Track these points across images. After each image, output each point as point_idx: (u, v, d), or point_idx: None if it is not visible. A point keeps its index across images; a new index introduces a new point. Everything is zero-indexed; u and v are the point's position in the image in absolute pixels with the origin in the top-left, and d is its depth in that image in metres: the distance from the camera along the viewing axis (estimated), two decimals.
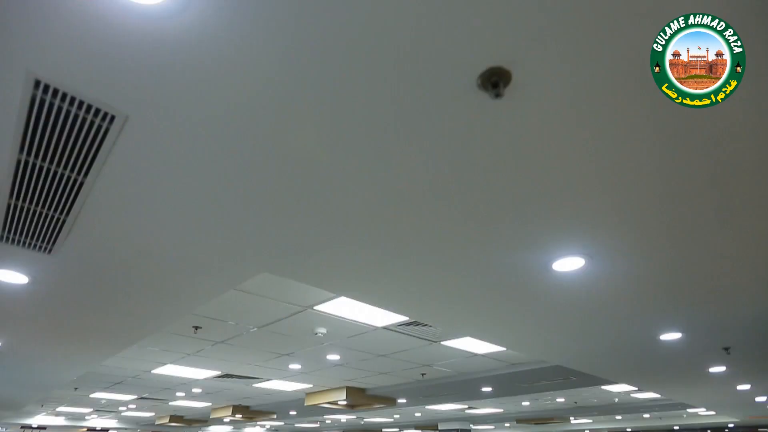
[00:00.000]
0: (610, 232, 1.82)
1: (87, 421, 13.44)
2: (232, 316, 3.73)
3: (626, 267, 2.13)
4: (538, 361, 5.20)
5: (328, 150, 1.37)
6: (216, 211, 1.70)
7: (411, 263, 2.10)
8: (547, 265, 2.10)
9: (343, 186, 1.54)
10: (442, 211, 1.67)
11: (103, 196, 1.63)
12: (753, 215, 1.72)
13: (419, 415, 10.72)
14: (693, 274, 2.24)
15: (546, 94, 1.17)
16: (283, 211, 1.69)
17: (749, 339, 3.48)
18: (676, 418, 11.93)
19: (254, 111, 1.23)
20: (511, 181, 1.50)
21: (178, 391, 7.84)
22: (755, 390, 6.09)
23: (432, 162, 1.41)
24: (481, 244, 1.91)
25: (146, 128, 1.30)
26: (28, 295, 2.58)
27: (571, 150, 1.37)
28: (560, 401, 8.74)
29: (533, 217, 1.71)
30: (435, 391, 6.90)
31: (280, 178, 1.50)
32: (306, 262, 2.08)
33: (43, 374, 4.96)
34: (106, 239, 1.94)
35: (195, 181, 1.53)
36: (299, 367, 5.61)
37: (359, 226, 1.77)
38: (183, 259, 2.10)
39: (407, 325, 3.91)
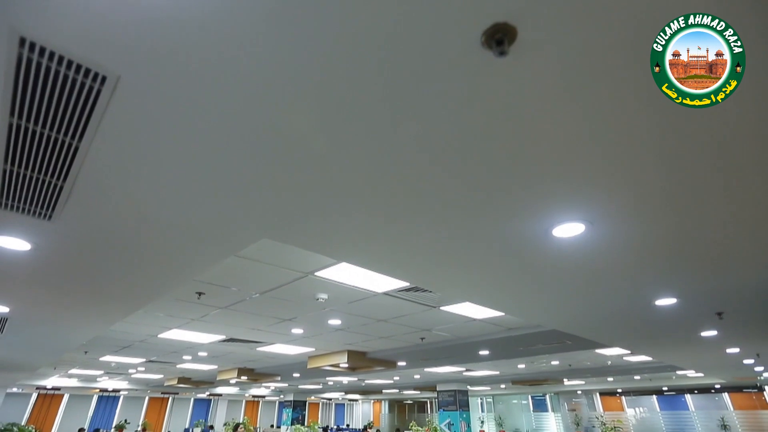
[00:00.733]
0: (611, 197, 1.81)
1: (99, 382, 13.98)
2: (234, 282, 3.78)
3: (626, 233, 2.13)
4: (534, 326, 5.34)
5: (327, 114, 1.34)
6: (215, 177, 1.68)
7: (411, 229, 2.10)
8: (547, 231, 2.10)
9: (343, 152, 1.51)
10: (443, 177, 1.66)
11: (99, 161, 1.61)
12: (756, 181, 1.70)
13: (418, 377, 11.12)
14: (692, 240, 2.24)
15: (551, 53, 1.13)
16: (283, 177, 1.67)
17: (742, 304, 3.55)
18: (665, 379, 12.40)
19: (251, 71, 1.19)
20: (512, 145, 1.48)
21: (184, 355, 8.10)
22: (743, 353, 6.28)
23: (433, 126, 1.38)
24: (481, 209, 1.90)
25: (139, 89, 1.26)
26: (31, 262, 2.61)
27: (573, 113, 1.33)
28: (555, 364, 9.03)
29: (534, 183, 1.69)
30: (434, 354, 7.13)
31: (280, 143, 1.47)
32: (306, 228, 2.08)
33: (53, 338, 5.10)
34: (105, 206, 1.94)
35: (192, 146, 1.50)
36: (301, 332, 5.77)
37: (359, 192, 1.76)
38: (183, 225, 2.10)
39: (407, 290, 3.98)
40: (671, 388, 13.88)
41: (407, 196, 1.81)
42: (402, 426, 19.38)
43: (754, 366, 7.96)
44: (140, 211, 1.98)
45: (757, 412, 12.12)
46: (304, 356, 7.83)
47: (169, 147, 1.52)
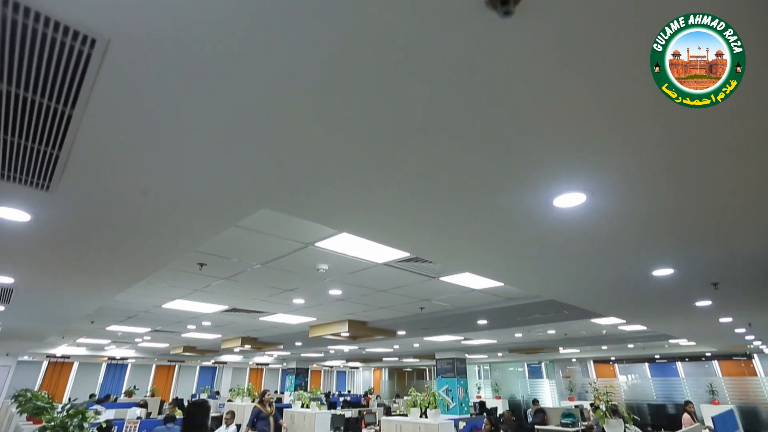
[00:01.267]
0: (612, 167, 1.79)
1: (106, 351, 14.37)
2: (235, 253, 3.81)
3: (627, 203, 2.12)
4: (532, 296, 5.42)
5: (326, 82, 1.30)
6: (213, 148, 1.66)
7: (411, 199, 2.09)
8: (548, 201, 2.09)
9: (342, 119, 1.48)
10: (443, 146, 1.63)
11: (94, 130, 1.58)
12: (757, 154, 1.67)
13: (417, 345, 11.41)
14: (693, 211, 2.24)
15: (556, 15, 1.08)
16: (282, 146, 1.64)
17: (737, 275, 3.59)
18: (658, 348, 12.72)
19: (249, 33, 1.14)
20: (514, 112, 1.44)
21: (188, 324, 8.28)
22: (736, 322, 6.41)
23: (432, 93, 1.35)
24: (482, 179, 1.89)
25: (131, 53, 1.22)
26: (32, 233, 2.62)
27: (576, 80, 1.30)
28: (551, 333, 9.25)
29: (537, 151, 1.67)
30: (433, 324, 7.28)
31: (278, 110, 1.44)
32: (306, 198, 2.08)
33: (58, 308, 5.20)
34: (103, 177, 1.92)
35: (188, 114, 1.47)
36: (303, 302, 5.87)
37: (358, 161, 1.74)
38: (182, 196, 2.09)
39: (407, 261, 4.02)
40: (663, 356, 14.27)
41: (408, 167, 1.79)
42: (401, 392, 20.07)
43: (745, 335, 8.15)
44: (138, 182, 1.97)
45: (744, 378, 12.53)
46: (305, 326, 8.00)
47: (165, 117, 1.49)
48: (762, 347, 10.86)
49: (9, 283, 3.92)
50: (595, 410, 4.58)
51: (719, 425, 7.22)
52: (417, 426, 5.89)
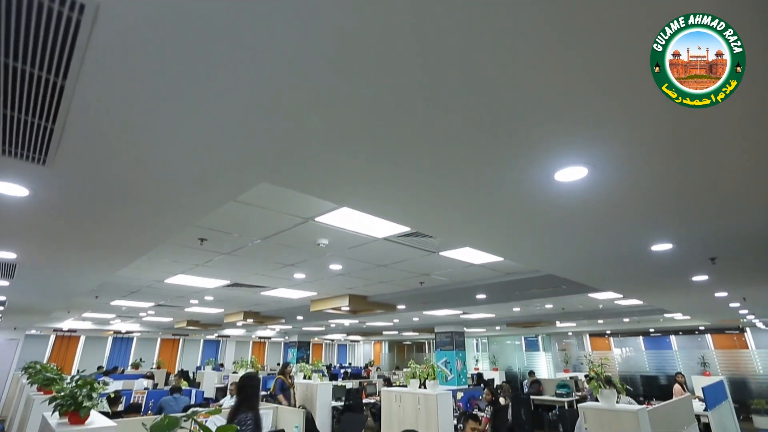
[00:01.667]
0: (614, 139, 1.76)
1: (112, 325, 14.64)
2: (236, 228, 3.82)
3: (629, 176, 2.11)
4: (531, 271, 5.48)
5: (325, 52, 1.26)
6: (211, 121, 1.63)
7: (412, 174, 2.08)
8: (549, 175, 2.08)
9: (341, 90, 1.45)
10: (443, 118, 1.60)
11: (88, 102, 1.55)
12: (759, 129, 1.64)
13: (417, 319, 11.62)
14: (694, 185, 2.23)
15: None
16: (283, 120, 1.62)
17: (735, 250, 3.61)
18: (653, 321, 12.96)
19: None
20: (514, 83, 1.41)
21: (191, 299, 8.40)
22: (731, 297, 6.50)
23: (431, 61, 1.31)
24: (483, 153, 1.86)
25: (121, 19, 1.18)
26: (31, 208, 2.61)
27: (578, 49, 1.26)
28: (549, 307, 9.40)
29: (538, 124, 1.64)
30: (432, 298, 7.38)
31: (279, 85, 1.40)
32: (306, 172, 2.06)
33: (62, 283, 5.26)
34: (100, 151, 1.90)
35: (185, 87, 1.44)
36: (303, 277, 5.93)
37: (357, 134, 1.71)
38: (181, 170, 2.07)
39: (407, 236, 4.03)
40: (658, 330, 14.57)
41: (410, 141, 1.77)
42: (401, 365, 20.59)
43: (739, 309, 8.28)
44: (136, 156, 1.94)
45: (735, 351, 12.84)
46: (306, 300, 8.12)
47: (160, 89, 1.46)
48: (755, 321, 11.06)
49: (12, 258, 3.95)
50: (590, 381, 4.69)
51: (709, 395, 7.44)
52: (416, 396, 6.05)
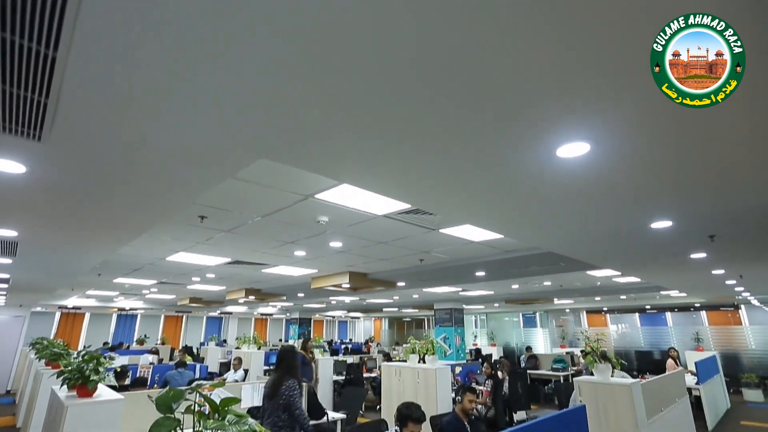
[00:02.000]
0: (617, 114, 1.73)
1: (116, 302, 14.84)
2: (236, 206, 3.81)
3: (631, 152, 2.09)
4: (530, 248, 5.50)
5: (323, 26, 1.22)
6: (209, 96, 1.60)
7: (415, 151, 2.05)
8: (551, 151, 2.06)
9: (339, 65, 1.41)
10: (442, 97, 1.57)
11: (81, 75, 1.51)
12: (761, 106, 1.62)
13: (417, 296, 11.77)
14: (693, 162, 2.21)
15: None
16: (283, 97, 1.59)
17: (734, 228, 3.62)
18: (649, 299, 13.14)
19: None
20: (514, 61, 1.37)
21: (193, 276, 8.48)
22: (728, 274, 6.56)
23: (426, 40, 1.27)
24: (486, 128, 1.84)
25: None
26: (29, 185, 2.60)
27: (577, 25, 1.22)
28: (547, 284, 9.50)
29: (539, 99, 1.61)
30: (432, 275, 7.45)
31: (279, 62, 1.37)
32: (304, 149, 2.04)
33: (64, 261, 5.29)
34: (95, 126, 1.87)
35: (179, 58, 1.40)
36: (304, 254, 5.96)
37: (356, 111, 1.68)
38: (178, 147, 2.05)
39: (407, 213, 4.03)
40: (654, 307, 14.79)
41: (410, 120, 1.74)
42: (401, 340, 21.00)
43: (735, 286, 8.37)
44: (132, 132, 1.92)
45: (729, 327, 13.08)
46: (307, 277, 8.20)
47: (156, 63, 1.42)
48: (750, 298, 11.21)
49: (13, 236, 3.96)
50: (585, 356, 4.79)
51: (701, 369, 7.63)
52: (415, 371, 6.20)
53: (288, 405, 3.25)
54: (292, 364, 3.55)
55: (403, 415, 2.75)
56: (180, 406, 1.45)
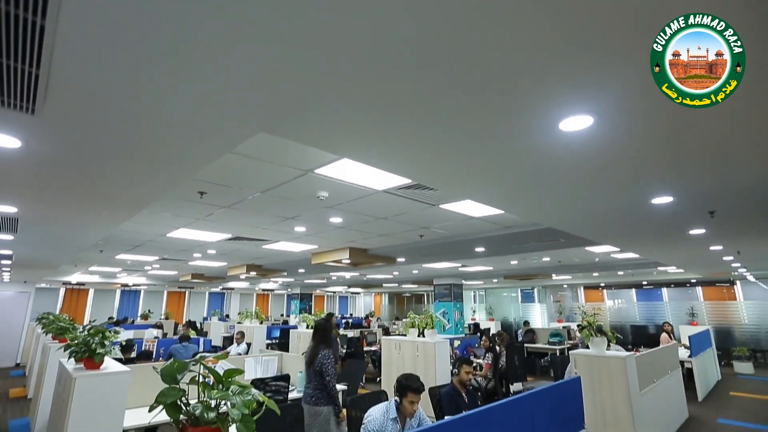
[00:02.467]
0: (620, 87, 1.69)
1: (119, 278, 15.02)
2: (235, 181, 3.79)
3: (634, 126, 2.05)
4: (530, 224, 5.52)
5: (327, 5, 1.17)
6: (205, 68, 1.55)
7: (412, 125, 2.02)
8: (554, 125, 2.02)
9: (339, 38, 1.37)
10: (444, 67, 1.53)
11: (71, 44, 1.47)
12: (762, 79, 1.57)
13: (416, 272, 11.89)
14: (695, 137, 2.18)
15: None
16: (282, 69, 1.54)
17: (734, 203, 3.61)
18: (646, 274, 13.28)
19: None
20: (515, 25, 1.33)
21: (194, 253, 8.54)
22: (725, 250, 6.60)
23: (427, 9, 1.22)
24: (485, 104, 1.80)
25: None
26: (25, 160, 2.57)
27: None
28: (546, 260, 9.58)
29: (542, 70, 1.57)
30: (432, 251, 7.50)
31: (271, 26, 1.32)
32: (303, 122, 2.00)
33: (65, 237, 5.31)
34: (89, 99, 1.83)
35: (172, 27, 1.35)
36: (304, 230, 5.98)
37: (356, 85, 1.64)
38: (174, 121, 2.01)
39: (407, 188, 4.01)
40: (650, 283, 14.97)
41: (411, 94, 1.70)
42: (401, 315, 21.36)
43: (732, 263, 8.44)
44: (127, 105, 1.88)
45: (723, 303, 13.29)
46: (307, 253, 8.25)
47: (150, 32, 1.37)
48: (746, 274, 11.33)
49: (13, 212, 3.96)
50: (582, 330, 4.88)
51: (694, 343, 7.80)
52: (415, 344, 6.32)
53: (321, 372, 3.57)
54: (326, 334, 3.86)
55: (402, 385, 2.82)
56: (185, 378, 1.48)
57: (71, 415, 2.83)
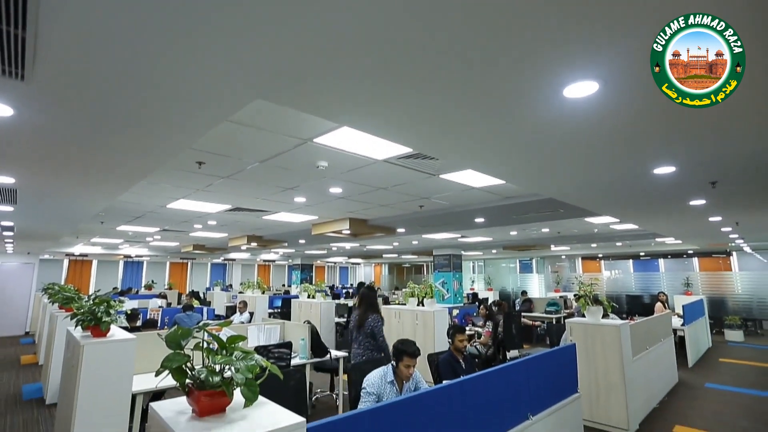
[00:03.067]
0: (627, 52, 1.63)
1: (121, 249, 15.14)
2: (233, 151, 3.75)
3: (640, 93, 2.00)
4: (531, 195, 5.50)
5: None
6: (199, 32, 1.49)
7: (413, 93, 1.97)
8: (558, 91, 1.97)
9: (339, 2, 1.30)
10: (447, 29, 1.46)
11: (57, 4, 1.40)
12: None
13: (416, 243, 11.98)
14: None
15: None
16: (280, 33, 1.48)
17: (736, 174, 3.58)
18: (644, 246, 13.39)
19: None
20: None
21: (195, 224, 8.56)
22: (724, 221, 6.62)
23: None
24: (491, 68, 1.74)
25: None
26: (19, 129, 2.52)
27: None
28: (545, 231, 9.63)
29: (546, 31, 1.51)
30: (431, 222, 7.52)
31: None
32: (301, 89, 1.95)
33: (65, 208, 5.30)
34: (80, 64, 1.77)
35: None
36: (304, 200, 5.97)
37: (357, 51, 1.58)
38: (170, 87, 1.96)
39: (408, 157, 3.97)
40: (648, 254, 15.12)
41: (414, 60, 1.64)
42: (401, 285, 21.71)
43: (730, 234, 8.48)
44: (119, 72, 1.82)
45: (719, 273, 13.48)
46: (308, 224, 8.28)
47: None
48: (743, 245, 11.41)
49: (11, 183, 3.93)
50: (578, 299, 4.97)
51: (688, 312, 7.96)
52: (414, 313, 6.45)
53: (373, 334, 4.24)
54: (372, 301, 4.52)
55: (398, 350, 2.89)
56: (189, 344, 1.51)
57: (81, 380, 2.92)
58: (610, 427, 4.33)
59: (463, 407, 2.20)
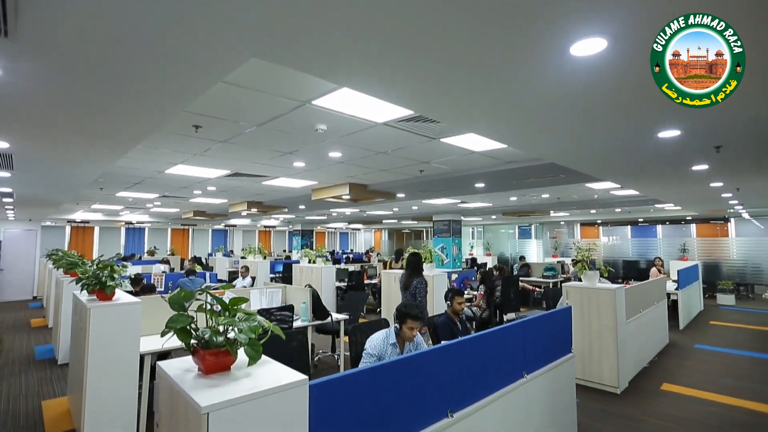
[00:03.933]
0: (641, 5, 1.55)
1: (122, 216, 15.17)
2: (230, 113, 3.66)
3: (649, 51, 1.92)
4: (532, 159, 5.44)
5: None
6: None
7: (416, 54, 1.89)
8: (564, 49, 1.89)
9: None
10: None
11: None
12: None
13: (416, 208, 12.00)
14: None
15: None
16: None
17: (741, 138, 3.53)
18: (643, 212, 13.43)
19: None
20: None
21: (194, 190, 8.53)
22: (725, 187, 6.59)
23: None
24: (490, 24, 1.66)
25: None
26: (8, 90, 2.45)
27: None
28: (545, 197, 9.61)
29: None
30: (431, 186, 7.49)
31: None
32: (298, 47, 1.87)
33: (63, 174, 5.26)
34: (65, 21, 1.69)
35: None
36: (303, 165, 5.91)
37: (352, 5, 1.50)
38: (159, 45, 1.88)
39: (408, 120, 3.89)
40: (647, 220, 15.19)
41: (416, 18, 1.55)
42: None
43: (730, 200, 8.47)
44: (106, 28, 1.74)
45: (715, 239, 13.61)
46: (307, 189, 8.25)
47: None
48: (742, 212, 11.44)
49: (6, 147, 3.87)
50: (575, 264, 5.04)
51: (682, 277, 8.09)
52: None
53: (415, 295, 4.95)
54: (418, 266, 5.18)
55: (402, 313, 2.96)
56: (192, 306, 1.54)
57: (90, 342, 3.01)
58: (601, 385, 4.52)
59: (460, 367, 2.27)
